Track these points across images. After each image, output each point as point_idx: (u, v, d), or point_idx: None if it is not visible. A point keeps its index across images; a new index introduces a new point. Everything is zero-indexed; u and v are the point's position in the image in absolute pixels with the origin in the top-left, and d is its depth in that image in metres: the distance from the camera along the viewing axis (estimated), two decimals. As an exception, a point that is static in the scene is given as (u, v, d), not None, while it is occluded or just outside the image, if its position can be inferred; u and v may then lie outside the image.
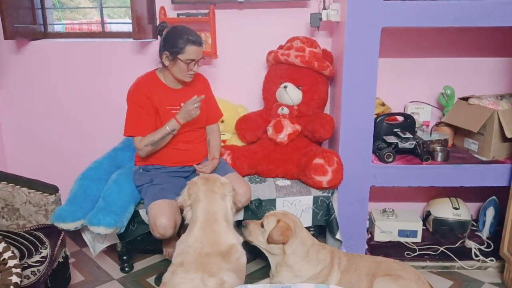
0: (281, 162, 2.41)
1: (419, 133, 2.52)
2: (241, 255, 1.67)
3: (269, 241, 1.87)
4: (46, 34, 2.90)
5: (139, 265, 2.51)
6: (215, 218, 1.67)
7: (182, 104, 2.14)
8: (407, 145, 2.39)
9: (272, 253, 1.93)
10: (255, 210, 2.25)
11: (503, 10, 2.08)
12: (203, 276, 1.49)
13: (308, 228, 2.08)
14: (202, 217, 1.67)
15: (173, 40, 2.06)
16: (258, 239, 1.92)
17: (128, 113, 2.15)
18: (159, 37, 2.18)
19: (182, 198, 1.81)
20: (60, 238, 2.01)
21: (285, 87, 2.48)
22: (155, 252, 2.58)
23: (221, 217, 1.70)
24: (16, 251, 1.67)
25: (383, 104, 2.65)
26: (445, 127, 2.60)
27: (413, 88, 2.72)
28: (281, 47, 2.63)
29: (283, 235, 1.84)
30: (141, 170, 2.24)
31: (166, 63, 2.10)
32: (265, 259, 2.53)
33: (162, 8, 2.60)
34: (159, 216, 1.95)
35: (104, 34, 2.93)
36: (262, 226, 1.91)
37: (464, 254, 2.47)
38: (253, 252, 2.41)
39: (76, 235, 2.35)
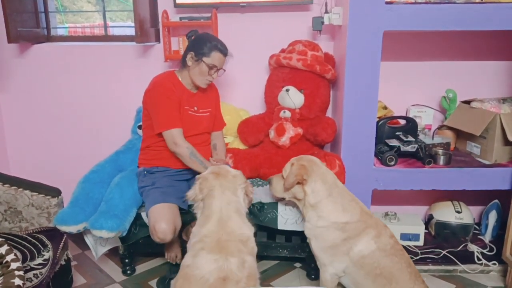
0: (283, 166, 2.40)
1: (421, 137, 2.52)
2: (255, 247, 1.70)
3: (286, 186, 1.91)
4: (49, 38, 2.92)
5: (141, 268, 2.51)
6: (229, 215, 1.68)
7: (195, 108, 2.19)
8: (409, 148, 2.39)
9: (298, 198, 1.94)
10: (257, 213, 2.25)
11: (505, 14, 2.08)
12: (226, 256, 1.52)
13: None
14: (217, 215, 1.67)
15: (202, 43, 2.11)
16: (282, 190, 1.96)
17: (157, 108, 2.10)
18: (187, 40, 2.23)
19: (193, 193, 1.80)
20: (62, 241, 2.01)
21: (287, 90, 2.48)
22: (157, 255, 2.58)
23: (235, 212, 1.70)
24: (18, 254, 1.67)
25: (385, 108, 2.65)
26: (447, 131, 2.60)
27: (415, 91, 2.72)
28: (283, 50, 2.64)
29: (297, 175, 1.87)
30: (145, 172, 2.24)
31: (189, 63, 2.13)
32: (267, 262, 2.53)
33: (165, 11, 2.60)
34: (159, 221, 1.95)
35: (106, 38, 2.94)
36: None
37: (467, 257, 2.46)
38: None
39: (78, 238, 2.36)
